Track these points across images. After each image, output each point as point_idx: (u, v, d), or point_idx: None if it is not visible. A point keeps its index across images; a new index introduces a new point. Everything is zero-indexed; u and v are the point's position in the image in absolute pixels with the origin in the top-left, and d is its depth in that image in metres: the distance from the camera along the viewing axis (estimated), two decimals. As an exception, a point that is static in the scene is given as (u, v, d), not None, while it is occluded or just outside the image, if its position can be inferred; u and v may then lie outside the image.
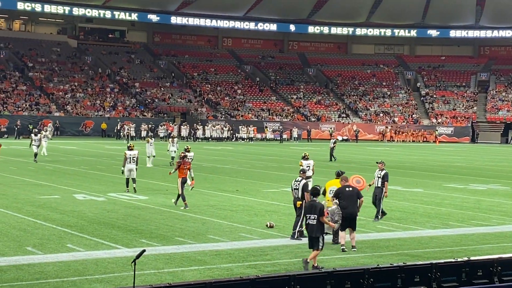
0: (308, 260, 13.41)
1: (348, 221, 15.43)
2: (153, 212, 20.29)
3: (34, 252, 14.46)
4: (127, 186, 24.95)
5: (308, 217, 13.67)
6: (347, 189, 15.79)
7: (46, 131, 46.53)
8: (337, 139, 50.64)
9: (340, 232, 15.61)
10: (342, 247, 15.43)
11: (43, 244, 15.23)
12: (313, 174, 24.05)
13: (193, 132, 67.68)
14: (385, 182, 19.89)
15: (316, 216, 13.50)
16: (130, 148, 25.20)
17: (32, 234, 16.41)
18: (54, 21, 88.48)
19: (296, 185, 16.86)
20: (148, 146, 36.77)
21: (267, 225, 18.03)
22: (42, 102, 71.88)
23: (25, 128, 64.18)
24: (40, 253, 14.37)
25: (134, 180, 24.96)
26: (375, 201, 20.02)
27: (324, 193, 16.22)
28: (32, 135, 39.75)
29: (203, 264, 13.69)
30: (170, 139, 39.33)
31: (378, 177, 20.07)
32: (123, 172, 25.04)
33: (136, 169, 25.18)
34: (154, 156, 36.81)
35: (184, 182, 21.78)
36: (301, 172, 17.46)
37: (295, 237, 16.44)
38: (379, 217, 19.83)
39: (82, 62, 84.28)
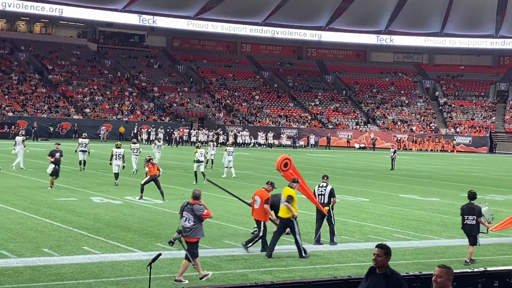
0: (469, 259, 15.27)
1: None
2: (169, 216, 20.34)
3: (51, 253, 14.55)
4: (116, 179, 28.01)
5: (466, 218, 15.51)
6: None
7: (160, 141, 41.04)
8: (396, 148, 49.81)
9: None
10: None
11: (59, 246, 15.31)
12: (205, 159, 30.53)
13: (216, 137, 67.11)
14: None
15: (474, 217, 15.41)
16: (117, 147, 28.89)
17: (49, 236, 16.51)
18: (74, 25, 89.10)
19: (322, 191, 16.99)
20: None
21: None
22: (61, 104, 72.34)
23: (43, 130, 64.56)
24: (56, 254, 14.45)
25: (117, 175, 28.11)
26: None
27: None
28: (80, 139, 34.84)
29: (218, 269, 13.70)
30: (210, 143, 41.28)
31: None
32: (111, 164, 28.76)
33: (123, 166, 28.65)
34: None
35: (152, 179, 23.78)
36: (324, 178, 17.53)
37: (320, 242, 16.73)
38: None
39: (102, 65, 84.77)
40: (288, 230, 15.63)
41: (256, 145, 69.94)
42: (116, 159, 28.39)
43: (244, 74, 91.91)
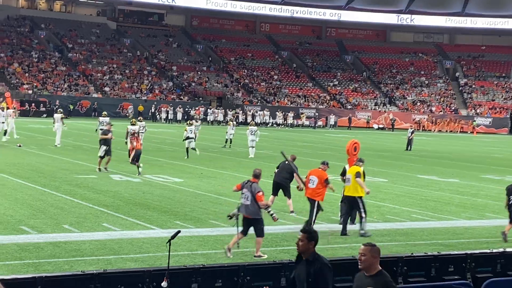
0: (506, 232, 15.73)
1: (276, 187, 18.11)
2: (187, 194, 20.44)
3: (71, 230, 14.69)
4: (129, 156, 27.55)
5: (510, 198, 15.78)
6: (285, 162, 18.13)
7: (198, 121, 39.49)
8: (415, 129, 49.64)
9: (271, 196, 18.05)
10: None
11: (79, 222, 15.46)
12: (196, 137, 31.46)
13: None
14: None
15: None
16: (132, 124, 29.38)
17: (69, 212, 16.66)
18: (94, 3, 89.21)
19: None
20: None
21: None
22: (81, 83, 72.64)
23: (65, 108, 64.83)
24: (76, 231, 14.59)
25: None
26: None
27: None
28: (101, 117, 34.16)
29: (236, 247, 13.74)
30: (230, 122, 40.66)
31: None
32: (126, 143, 28.36)
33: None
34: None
35: (136, 154, 24.41)
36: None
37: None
38: None
39: (121, 44, 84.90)
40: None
41: (275, 125, 69.93)
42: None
43: (263, 54, 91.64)
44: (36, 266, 11.70)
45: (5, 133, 34.91)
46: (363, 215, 15.65)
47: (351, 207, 15.93)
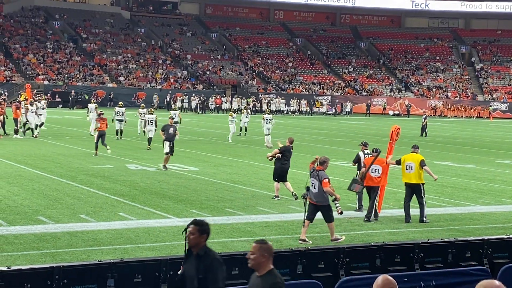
0: None
1: (278, 174, 17.98)
2: (203, 183, 20.47)
3: (88, 219, 14.77)
4: (149, 144, 29.36)
5: None
6: (291, 150, 18.59)
7: (234, 113, 37.78)
8: (428, 115, 49.55)
9: (275, 183, 18.15)
10: (276, 198, 17.93)
11: (96, 212, 15.53)
12: (180, 120, 34.46)
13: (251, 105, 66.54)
14: None
15: None
16: (150, 113, 30.80)
17: (85, 202, 16.74)
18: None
19: None
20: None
21: None
22: (96, 73, 72.82)
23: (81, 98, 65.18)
24: (93, 220, 14.67)
25: (150, 139, 29.51)
26: None
27: None
28: (117, 108, 34.22)
29: (252, 236, 13.77)
30: (244, 110, 40.64)
31: None
32: (144, 132, 30.93)
33: (155, 130, 29.39)
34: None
35: (100, 135, 26.04)
36: (367, 146, 17.67)
37: (358, 209, 16.92)
38: None
39: (135, 33, 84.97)
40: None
41: (290, 113, 69.84)
42: (148, 124, 30.04)
43: (277, 41, 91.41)
44: (53, 255, 11.78)
45: (36, 127, 34.83)
46: (424, 202, 15.84)
47: (412, 194, 16.05)
